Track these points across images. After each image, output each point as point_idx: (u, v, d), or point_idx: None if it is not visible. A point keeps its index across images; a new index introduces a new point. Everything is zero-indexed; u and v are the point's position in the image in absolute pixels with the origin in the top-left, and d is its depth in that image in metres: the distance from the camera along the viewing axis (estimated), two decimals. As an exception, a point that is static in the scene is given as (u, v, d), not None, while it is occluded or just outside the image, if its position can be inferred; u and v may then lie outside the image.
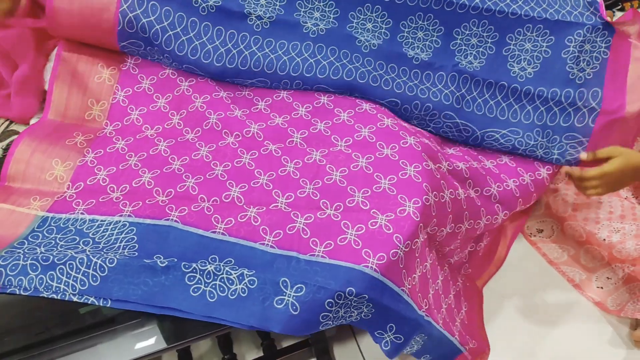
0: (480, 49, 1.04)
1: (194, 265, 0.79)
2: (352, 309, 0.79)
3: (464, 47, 1.04)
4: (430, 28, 1.03)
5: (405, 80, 1.06)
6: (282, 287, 0.78)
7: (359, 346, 1.26)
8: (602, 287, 1.36)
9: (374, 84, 1.05)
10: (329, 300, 0.76)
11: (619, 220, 1.28)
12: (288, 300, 0.77)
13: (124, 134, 0.99)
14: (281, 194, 0.89)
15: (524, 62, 1.05)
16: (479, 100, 1.08)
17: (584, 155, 1.09)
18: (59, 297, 0.78)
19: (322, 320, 0.77)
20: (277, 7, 1.02)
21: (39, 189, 0.92)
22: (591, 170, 1.04)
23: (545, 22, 1.02)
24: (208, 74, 1.03)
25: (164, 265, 0.79)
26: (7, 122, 1.08)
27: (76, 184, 0.92)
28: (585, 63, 1.05)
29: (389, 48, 1.04)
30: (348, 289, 0.76)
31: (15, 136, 1.04)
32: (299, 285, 0.77)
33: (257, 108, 1.03)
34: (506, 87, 1.06)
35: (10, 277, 0.78)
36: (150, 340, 0.79)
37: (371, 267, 0.78)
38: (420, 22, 1.03)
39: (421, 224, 0.85)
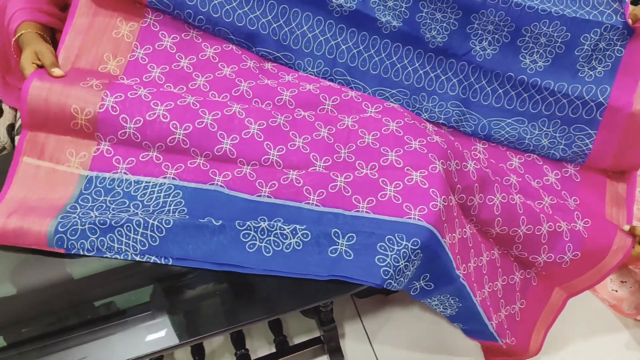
0: (496, 36, 1.04)
1: (248, 223, 0.83)
2: (405, 260, 0.81)
3: (480, 32, 1.04)
4: (449, 10, 1.03)
5: (417, 68, 1.08)
6: (334, 237, 0.82)
7: (372, 346, 1.26)
8: (616, 291, 1.35)
9: (385, 75, 1.08)
10: (380, 243, 0.80)
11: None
12: (341, 249, 0.81)
13: (145, 85, 0.94)
14: (319, 158, 0.93)
15: (536, 55, 1.05)
16: (488, 89, 1.09)
17: (626, 227, 1.10)
18: (121, 257, 0.82)
19: (379, 264, 0.79)
20: None
21: (70, 139, 0.90)
22: None
23: (562, 19, 1.01)
24: (240, 35, 1.02)
25: (218, 224, 0.82)
26: None
27: (108, 137, 0.90)
28: (597, 61, 1.05)
29: (407, 29, 1.04)
30: (397, 234, 0.80)
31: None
32: (350, 234, 0.82)
33: (285, 80, 1.05)
34: (513, 78, 1.07)
35: (72, 241, 0.81)
36: (164, 336, 0.79)
37: (414, 217, 0.82)
38: (439, 4, 1.03)
39: (449, 184, 0.89)
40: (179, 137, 0.89)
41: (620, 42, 1.03)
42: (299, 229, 0.82)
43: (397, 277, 0.80)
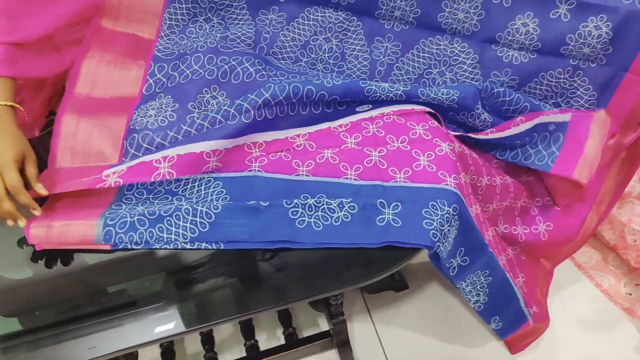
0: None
1: (295, 200, 0.85)
2: (448, 224, 0.84)
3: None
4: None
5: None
6: (380, 207, 0.84)
7: (379, 339, 1.26)
8: (630, 294, 1.34)
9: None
10: (425, 209, 0.83)
11: None
12: (388, 217, 0.83)
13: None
14: (349, 136, 0.95)
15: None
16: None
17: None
18: (171, 247, 0.83)
19: (427, 227, 0.81)
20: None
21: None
22: None
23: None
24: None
25: (266, 204, 0.84)
26: None
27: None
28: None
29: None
30: (439, 200, 0.83)
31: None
32: (395, 203, 0.84)
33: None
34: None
35: (120, 235, 0.81)
36: (174, 322, 0.80)
37: (450, 184, 0.86)
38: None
39: (462, 165, 0.95)
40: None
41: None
42: (345, 202, 0.85)
43: (443, 241, 0.84)
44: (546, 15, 0.98)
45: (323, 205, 0.84)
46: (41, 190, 0.78)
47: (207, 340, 1.16)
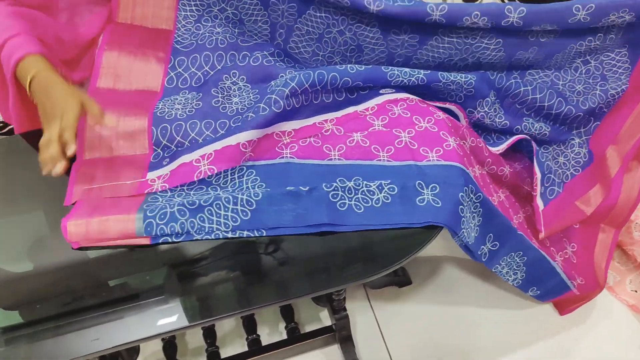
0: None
1: (334, 184, 0.84)
2: (472, 212, 0.88)
3: None
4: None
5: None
6: (418, 188, 0.84)
7: (382, 334, 1.25)
8: (636, 291, 1.33)
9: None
10: (461, 193, 0.84)
11: None
12: (428, 198, 0.84)
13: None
14: (375, 118, 0.95)
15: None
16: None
17: None
18: (212, 237, 0.82)
19: (461, 214, 0.84)
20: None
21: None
22: None
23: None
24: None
25: (306, 189, 0.83)
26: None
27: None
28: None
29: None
30: (470, 186, 0.85)
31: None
32: (433, 184, 0.84)
33: None
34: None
35: (161, 226, 0.80)
36: (176, 317, 0.80)
37: (472, 174, 0.88)
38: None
39: (477, 158, 0.99)
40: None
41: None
42: (384, 184, 0.84)
43: (467, 228, 0.86)
44: (564, 23, 0.96)
45: (362, 187, 0.84)
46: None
47: (209, 335, 1.16)
